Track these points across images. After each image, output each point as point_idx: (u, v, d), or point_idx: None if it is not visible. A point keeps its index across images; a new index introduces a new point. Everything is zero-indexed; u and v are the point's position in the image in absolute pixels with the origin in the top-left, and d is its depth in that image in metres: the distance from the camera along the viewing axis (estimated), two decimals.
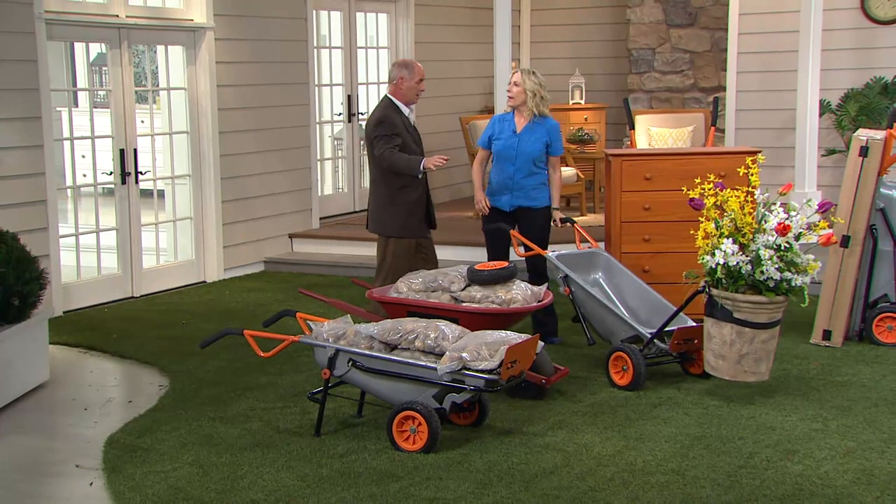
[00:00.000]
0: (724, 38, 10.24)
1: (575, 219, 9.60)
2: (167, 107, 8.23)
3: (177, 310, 7.41)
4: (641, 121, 9.77)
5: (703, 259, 5.05)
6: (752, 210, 4.99)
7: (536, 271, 6.18)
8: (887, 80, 9.25)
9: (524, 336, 4.68)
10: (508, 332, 4.72)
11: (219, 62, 8.26)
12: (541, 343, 4.97)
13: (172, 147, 8.25)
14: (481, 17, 10.60)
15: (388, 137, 5.95)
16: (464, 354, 4.50)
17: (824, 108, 9.22)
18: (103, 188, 8.08)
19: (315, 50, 9.42)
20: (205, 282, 8.34)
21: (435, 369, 4.52)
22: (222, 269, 8.42)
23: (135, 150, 7.74)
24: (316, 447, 4.62)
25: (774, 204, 5.04)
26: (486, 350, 4.51)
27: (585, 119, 11.01)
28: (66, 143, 7.74)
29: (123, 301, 7.69)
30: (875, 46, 9.38)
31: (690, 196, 5.21)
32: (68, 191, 8.05)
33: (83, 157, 8.38)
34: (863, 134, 6.21)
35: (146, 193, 8.13)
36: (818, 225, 4.99)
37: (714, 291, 5.01)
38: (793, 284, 4.88)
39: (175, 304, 7.63)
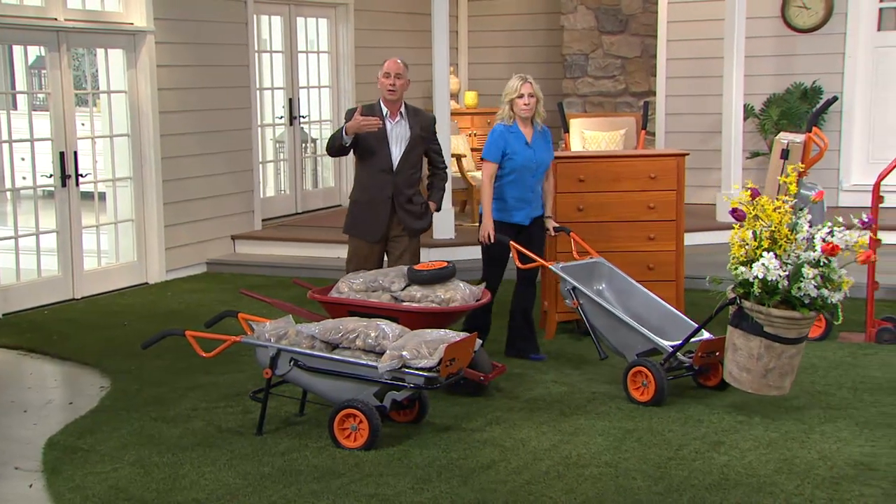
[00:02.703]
0: (653, 45, 10.38)
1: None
2: (107, 110, 8.08)
3: (118, 311, 7.28)
4: (575, 124, 9.85)
5: (736, 269, 4.64)
6: (787, 220, 4.64)
7: (530, 280, 5.95)
8: (806, 86, 9.47)
9: (463, 334, 4.69)
10: (447, 331, 4.73)
11: (160, 65, 8.13)
12: (479, 341, 4.98)
13: (113, 150, 8.10)
14: (420, 23, 10.60)
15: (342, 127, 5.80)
16: (404, 353, 4.49)
17: (748, 112, 9.40)
18: (43, 191, 7.91)
19: (256, 54, 9.33)
20: (147, 283, 8.21)
21: (376, 368, 4.50)
22: (164, 271, 8.29)
23: (75, 153, 7.58)
24: (258, 446, 4.58)
25: (802, 210, 4.75)
26: (425, 348, 4.51)
27: None
28: (5, 146, 7.55)
29: (64, 303, 7.53)
30: (795, 54, 9.60)
31: (732, 206, 4.77)
32: (7, 193, 7.86)
33: (22, 159, 8.20)
34: (784, 137, 6.34)
35: (87, 196, 7.98)
36: (857, 242, 4.64)
37: (746, 304, 4.65)
38: (828, 301, 4.58)
39: (117, 305, 7.49)
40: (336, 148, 5.78)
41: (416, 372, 4.47)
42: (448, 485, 4.12)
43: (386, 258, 5.95)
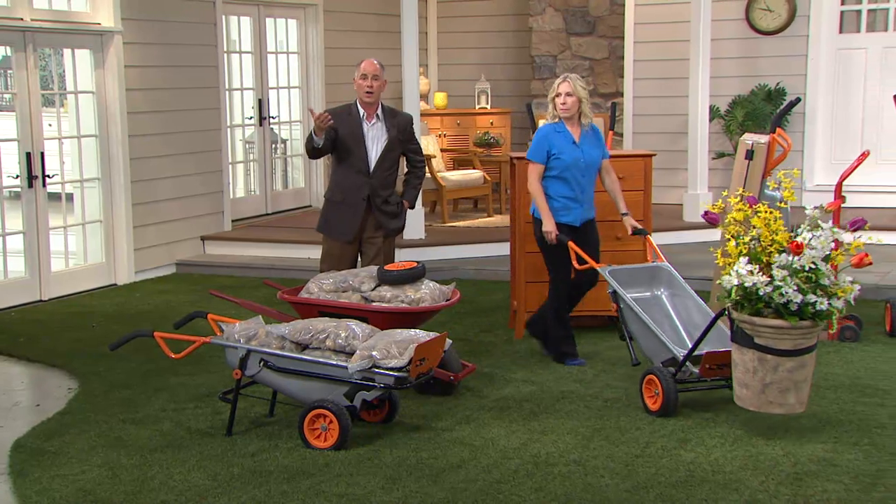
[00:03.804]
0: (621, 47, 10.44)
1: (481, 219, 9.69)
2: (75, 110, 7.99)
3: (86, 312, 7.20)
4: None
5: (721, 280, 4.45)
6: (782, 227, 4.41)
7: (591, 283, 5.71)
8: (770, 88, 9.57)
9: (432, 334, 4.68)
10: (417, 331, 4.72)
11: (128, 66, 8.06)
12: (448, 341, 4.98)
13: (81, 150, 8.02)
14: (389, 24, 10.58)
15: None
16: (374, 353, 4.48)
17: (714, 113, 9.48)
18: (9, 192, 7.80)
19: (225, 54, 9.27)
20: (115, 284, 8.13)
21: (346, 368, 4.49)
22: (133, 272, 8.22)
23: (42, 154, 7.49)
24: (227, 447, 4.54)
25: (803, 224, 4.46)
26: (395, 348, 4.50)
27: (491, 123, 11.09)
28: None
29: (31, 305, 7.44)
30: (759, 56, 9.69)
31: (706, 209, 4.66)
32: None
33: None
34: (748, 138, 6.39)
35: (54, 197, 7.88)
36: (850, 244, 4.38)
37: (734, 314, 4.44)
38: (817, 308, 4.28)
39: (85, 306, 7.41)
40: (311, 150, 5.74)
41: (386, 372, 4.46)
42: (418, 484, 4.11)
43: (360, 259, 5.93)
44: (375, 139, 5.77)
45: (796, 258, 4.29)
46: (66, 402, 5.26)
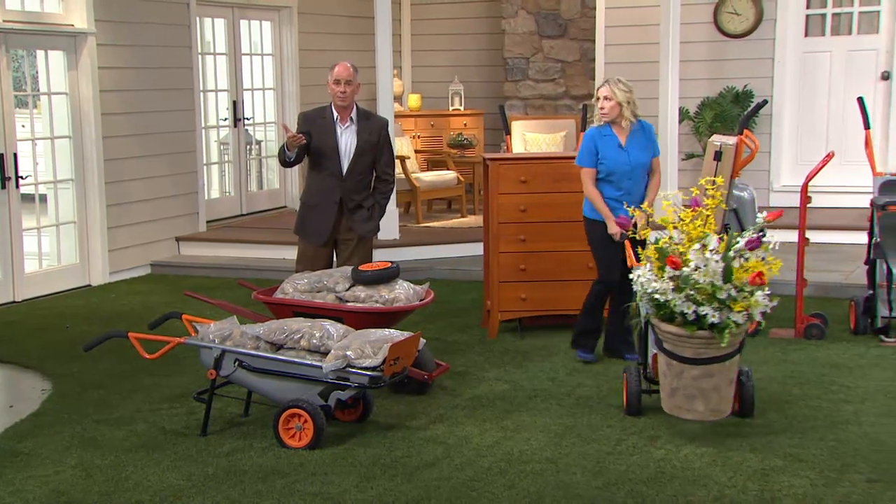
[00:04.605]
0: (592, 49, 10.47)
1: (455, 220, 9.68)
2: (48, 111, 7.91)
3: (60, 313, 7.13)
4: (517, 126, 9.91)
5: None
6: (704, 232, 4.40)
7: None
8: (738, 90, 9.64)
9: (406, 334, 4.68)
10: (391, 331, 4.72)
11: (101, 67, 7.99)
12: (422, 340, 4.98)
13: (55, 151, 7.94)
14: (363, 26, 10.56)
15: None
16: (348, 353, 4.47)
17: (683, 115, 9.54)
18: None
19: (199, 56, 9.21)
20: (90, 285, 8.05)
21: (320, 368, 4.48)
22: (107, 273, 8.15)
23: (15, 155, 7.41)
24: (202, 447, 4.52)
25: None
26: (369, 348, 4.49)
27: (465, 125, 11.10)
28: None
29: (5, 306, 7.36)
30: (727, 58, 9.76)
31: (619, 213, 4.59)
32: None
33: None
34: (717, 139, 6.44)
35: (27, 198, 7.80)
36: (748, 260, 4.34)
37: (651, 318, 4.46)
38: (709, 321, 4.25)
39: (59, 308, 7.34)
40: (283, 162, 5.78)
41: (361, 371, 4.45)
42: (392, 482, 4.11)
43: (335, 259, 5.91)
44: (348, 143, 5.75)
45: (684, 270, 4.27)
46: (40, 403, 5.21)
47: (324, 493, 4.01)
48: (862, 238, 6.37)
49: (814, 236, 6.66)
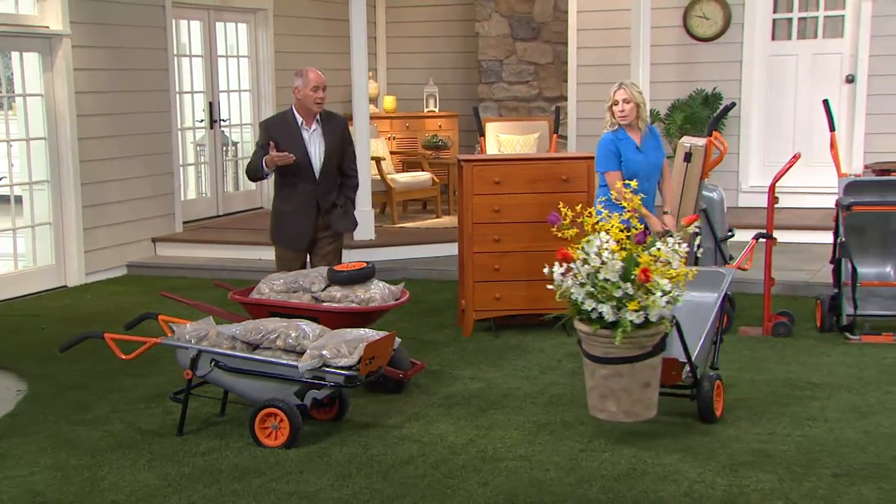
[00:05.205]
0: (564, 52, 10.51)
1: (430, 220, 9.68)
2: (24, 113, 7.83)
3: (36, 314, 7.05)
4: (491, 128, 9.93)
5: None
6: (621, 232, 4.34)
7: None
8: (707, 92, 9.71)
9: (382, 333, 4.67)
10: (367, 330, 4.71)
11: (77, 69, 7.91)
12: (398, 339, 4.97)
13: (30, 153, 7.85)
14: (338, 29, 10.53)
15: (259, 147, 5.71)
16: (324, 352, 4.46)
17: (654, 117, 9.59)
18: None
19: (175, 58, 9.15)
20: (66, 286, 7.97)
21: (296, 367, 4.46)
22: (83, 274, 8.07)
23: None
24: (178, 446, 4.48)
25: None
26: (345, 347, 4.48)
27: (440, 126, 11.10)
28: None
29: None
30: (696, 62, 9.83)
31: (553, 212, 4.58)
32: None
33: None
34: (686, 141, 6.48)
35: (2, 199, 7.72)
36: (640, 258, 4.24)
37: (574, 317, 4.42)
38: (604, 318, 4.21)
39: (35, 308, 7.26)
40: (255, 178, 5.76)
41: (336, 371, 4.44)
42: (368, 480, 4.10)
43: (309, 258, 5.89)
44: (317, 145, 5.74)
45: (576, 265, 4.24)
46: (15, 403, 5.15)
47: (300, 491, 4.00)
48: (827, 238, 6.44)
49: (781, 236, 6.72)
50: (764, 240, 5.28)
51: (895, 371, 5.44)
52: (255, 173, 5.75)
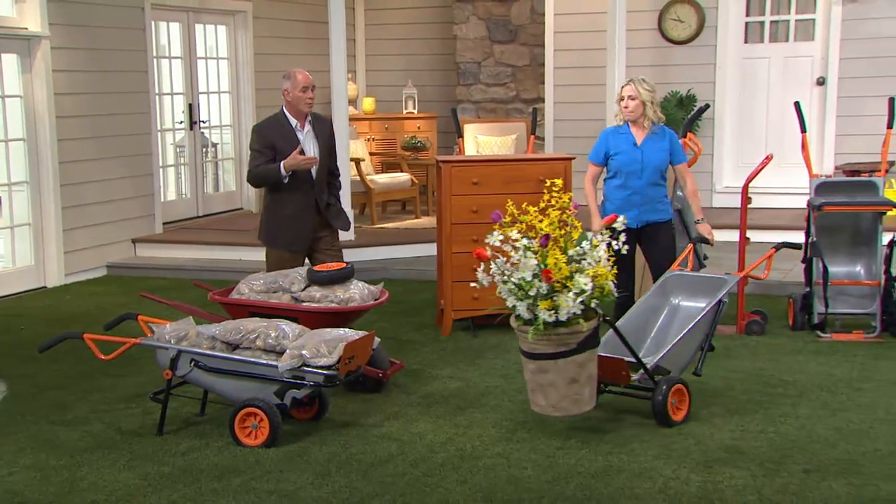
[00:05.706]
0: (542, 54, 10.54)
1: (409, 221, 9.68)
2: (2, 114, 7.75)
3: (16, 315, 6.99)
4: (469, 129, 9.94)
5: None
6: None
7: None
8: (682, 94, 9.77)
9: (361, 333, 4.67)
10: (346, 330, 4.70)
11: (56, 70, 7.85)
12: (377, 339, 4.97)
13: (9, 154, 7.78)
14: (317, 31, 10.51)
15: (258, 152, 5.59)
16: (303, 352, 4.45)
17: None
18: None
19: (154, 59, 9.09)
20: (45, 287, 7.91)
21: (276, 367, 4.45)
22: (63, 275, 8.01)
23: None
24: (158, 446, 4.46)
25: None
26: (324, 347, 4.48)
27: (418, 128, 11.10)
28: None
29: None
30: (671, 64, 9.89)
31: (497, 210, 4.41)
32: None
33: None
34: None
35: None
36: (546, 257, 4.21)
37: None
38: (517, 314, 4.25)
39: (14, 309, 7.19)
40: (270, 184, 5.60)
41: (316, 370, 4.43)
42: (347, 479, 4.10)
43: (309, 259, 5.82)
44: (311, 146, 5.70)
45: (496, 262, 4.23)
46: None
47: (280, 490, 3.99)
48: (799, 237, 6.49)
49: (754, 235, 6.77)
50: (786, 249, 5.27)
51: (865, 368, 5.50)
52: (266, 179, 5.59)
